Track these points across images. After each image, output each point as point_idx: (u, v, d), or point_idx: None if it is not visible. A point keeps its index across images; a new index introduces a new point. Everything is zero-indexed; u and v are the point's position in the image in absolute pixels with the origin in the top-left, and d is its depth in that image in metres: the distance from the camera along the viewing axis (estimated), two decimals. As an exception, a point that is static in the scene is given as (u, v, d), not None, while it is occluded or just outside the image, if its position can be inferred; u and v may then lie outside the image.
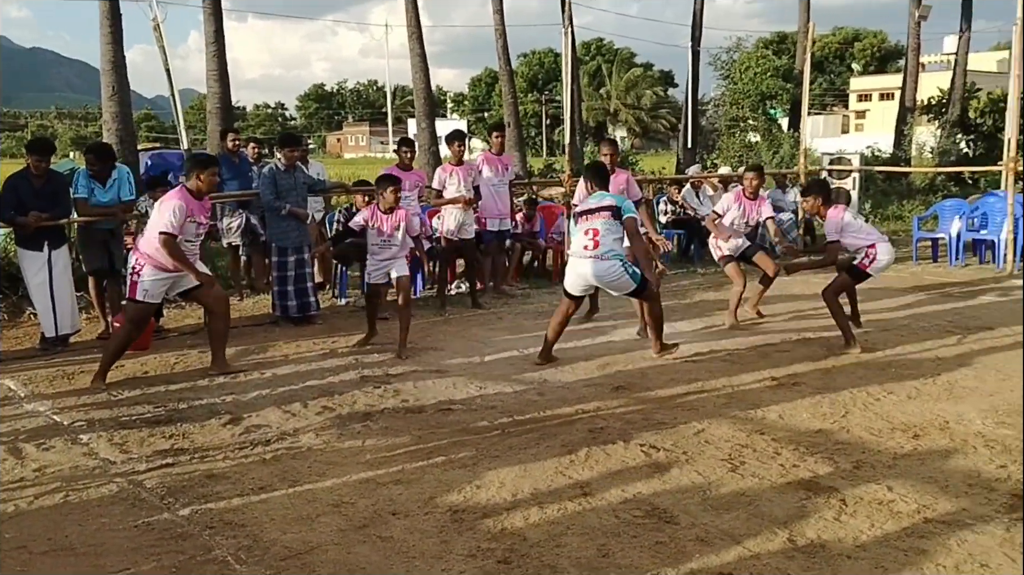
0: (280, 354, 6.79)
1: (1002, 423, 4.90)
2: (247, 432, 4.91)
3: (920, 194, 18.57)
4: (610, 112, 67.87)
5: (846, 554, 3.34)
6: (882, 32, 63.55)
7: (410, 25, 19.04)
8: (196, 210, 6.00)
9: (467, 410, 5.26)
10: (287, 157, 7.83)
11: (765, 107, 29.50)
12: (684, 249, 12.29)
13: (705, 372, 6.11)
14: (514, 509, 3.79)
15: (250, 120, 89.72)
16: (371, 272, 7.02)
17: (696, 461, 4.35)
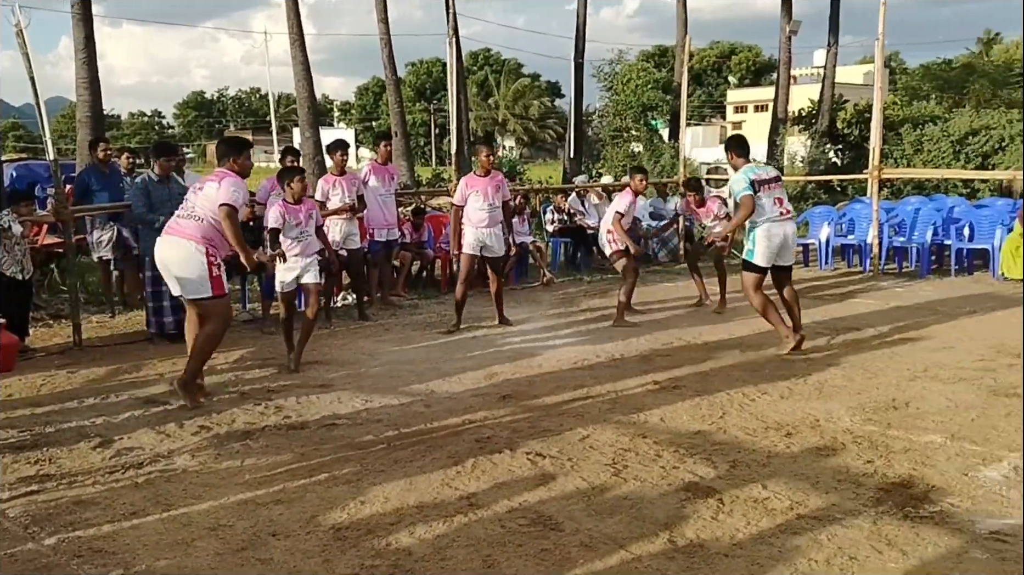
0: (155, 373, 6.52)
1: (869, 420, 5.15)
2: (118, 455, 4.69)
3: (792, 201, 19.33)
4: (498, 122, 68.34)
5: (723, 553, 3.43)
6: (756, 46, 66.25)
7: (292, 32, 18.73)
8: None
9: (352, 425, 5.17)
10: (161, 167, 7.53)
11: (647, 118, 30.30)
12: (571, 257, 12.47)
13: (591, 378, 6.20)
14: (399, 524, 3.74)
15: (125, 129, 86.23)
16: (283, 281, 6.67)
17: (581, 467, 4.40)
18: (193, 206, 5.56)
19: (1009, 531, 3.59)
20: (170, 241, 5.54)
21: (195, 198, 5.60)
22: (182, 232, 5.51)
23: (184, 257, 5.48)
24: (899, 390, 5.78)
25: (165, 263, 5.59)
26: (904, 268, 11.81)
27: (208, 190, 5.54)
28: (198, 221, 5.51)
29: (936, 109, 24.51)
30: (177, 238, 5.51)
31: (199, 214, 5.51)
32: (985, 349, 6.95)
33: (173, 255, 5.52)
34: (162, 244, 5.60)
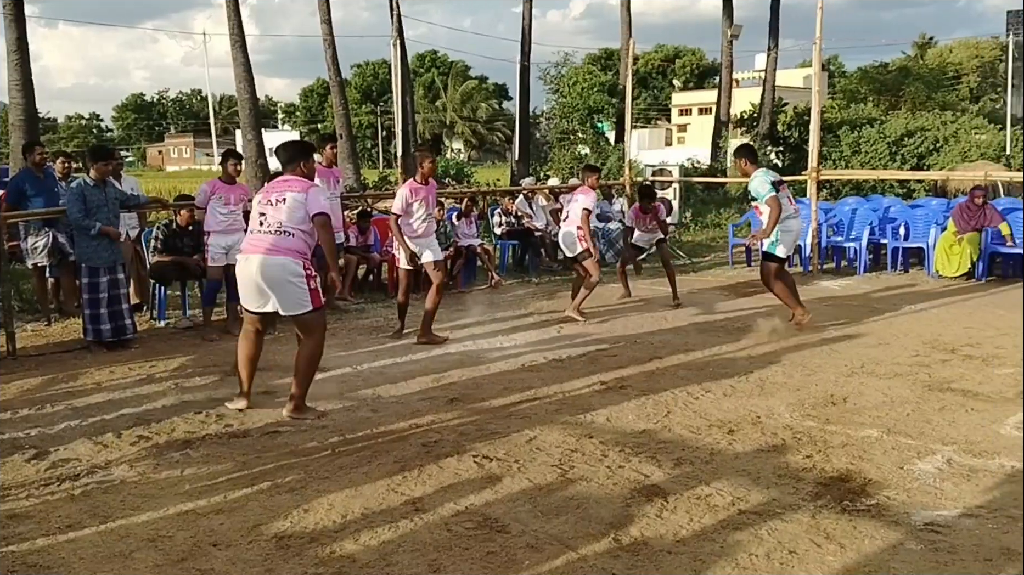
0: (92, 382, 6.37)
1: (808, 416, 5.26)
2: (53, 467, 4.56)
3: (735, 203, 19.73)
4: (446, 124, 68.29)
5: (667, 550, 3.47)
6: (700, 50, 67.19)
7: (233, 33, 18.47)
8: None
9: (296, 431, 5.11)
10: (98, 171, 7.37)
11: (593, 121, 30.51)
12: (519, 259, 12.49)
13: (538, 380, 6.22)
14: (343, 531, 3.71)
15: (62, 132, 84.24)
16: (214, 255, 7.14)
17: (528, 468, 4.41)
18: (278, 221, 5.24)
19: (942, 522, 3.69)
20: (263, 260, 5.22)
21: (274, 212, 5.26)
22: (275, 249, 5.22)
23: (283, 274, 5.22)
24: (837, 386, 5.91)
25: (259, 283, 5.26)
26: (842, 267, 12.08)
27: (292, 202, 5.23)
28: (288, 236, 5.23)
29: (873, 111, 25.16)
30: (270, 256, 5.22)
31: (287, 228, 5.23)
32: (920, 345, 7.14)
33: (271, 274, 5.22)
34: (253, 264, 5.25)
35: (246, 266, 5.31)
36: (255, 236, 5.33)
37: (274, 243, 5.24)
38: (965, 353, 6.84)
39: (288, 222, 5.24)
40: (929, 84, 36.90)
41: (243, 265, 5.34)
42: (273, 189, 5.40)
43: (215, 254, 7.88)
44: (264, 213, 5.32)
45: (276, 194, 5.34)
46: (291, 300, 5.27)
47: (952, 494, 4.00)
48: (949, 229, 10.90)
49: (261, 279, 5.25)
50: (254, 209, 5.44)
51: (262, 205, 5.37)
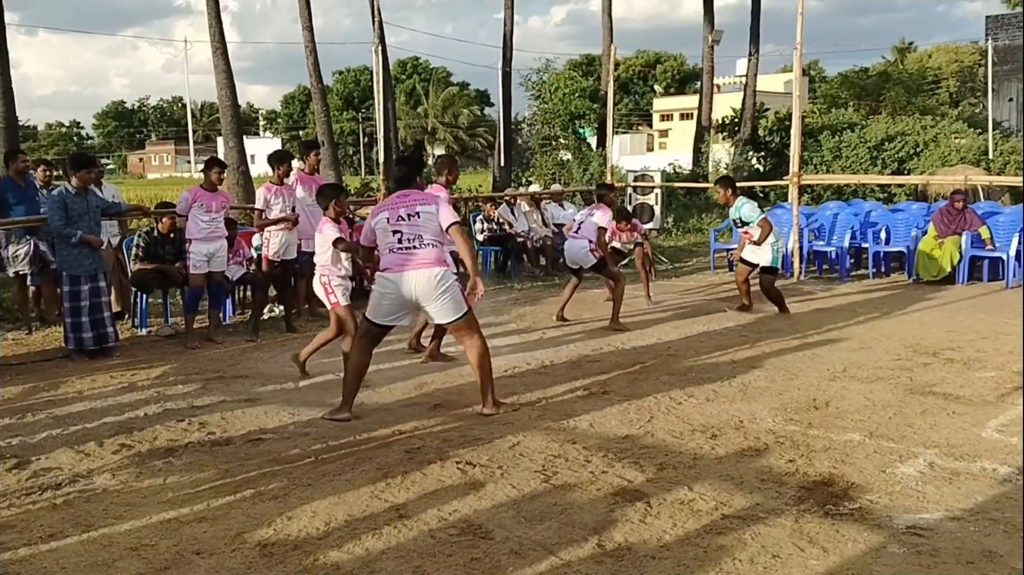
0: (74, 390, 6.32)
1: (790, 420, 5.28)
2: (35, 476, 4.53)
3: (717, 208, 19.80)
4: (428, 130, 68.22)
5: (651, 555, 3.48)
6: (681, 55, 67.48)
7: (214, 40, 18.38)
8: None
9: (279, 439, 5.09)
10: (80, 179, 7.33)
11: (575, 126, 30.55)
12: (501, 265, 12.50)
13: (521, 386, 6.22)
14: (327, 538, 3.69)
15: (42, 140, 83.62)
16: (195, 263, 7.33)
17: (511, 475, 4.41)
18: (419, 234, 5.32)
19: (924, 526, 3.72)
20: (418, 275, 5.30)
21: (411, 226, 5.33)
22: (425, 262, 5.30)
23: (439, 285, 5.31)
24: (819, 390, 5.94)
25: (417, 297, 5.34)
26: (824, 271, 12.16)
27: (426, 214, 5.34)
28: (434, 247, 5.34)
29: (853, 116, 25.33)
30: (423, 270, 5.29)
31: (429, 239, 5.33)
32: (902, 349, 7.19)
33: (428, 287, 5.30)
34: (409, 279, 5.31)
35: (401, 283, 5.32)
36: (398, 254, 5.35)
37: (422, 256, 5.32)
38: (946, 356, 6.90)
39: (430, 234, 5.34)
40: (909, 89, 37.20)
41: (395, 283, 5.34)
42: (399, 206, 5.42)
43: (197, 261, 7.83)
44: (399, 231, 5.36)
45: (405, 209, 5.39)
46: (448, 309, 5.38)
47: (934, 497, 4.03)
48: (930, 233, 11.00)
49: (412, 295, 5.33)
50: (383, 227, 5.42)
51: (394, 223, 5.38)
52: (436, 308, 5.38)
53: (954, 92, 45.05)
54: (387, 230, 5.39)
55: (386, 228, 5.40)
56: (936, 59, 49.17)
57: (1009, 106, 30.92)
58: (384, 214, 5.45)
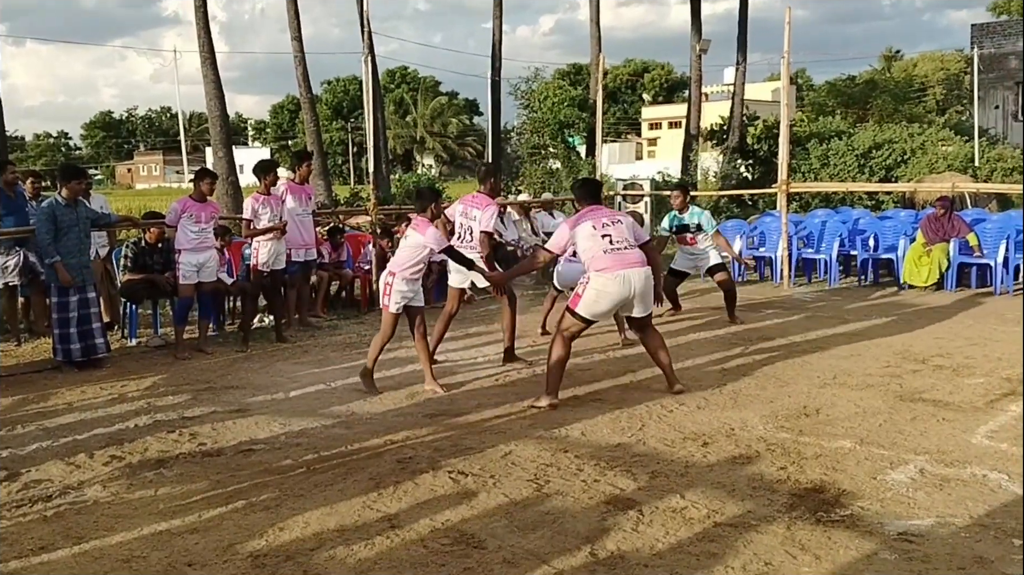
0: (63, 402, 6.28)
1: (781, 427, 5.30)
2: (25, 488, 4.50)
3: (706, 216, 19.85)
4: (417, 140, 68.29)
5: (643, 563, 3.48)
6: (669, 64, 67.84)
7: (203, 50, 18.38)
8: None
9: (270, 449, 5.07)
10: (69, 190, 7.30)
11: (564, 135, 30.62)
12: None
13: (512, 394, 6.22)
14: (319, 549, 3.68)
15: (30, 151, 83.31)
16: (185, 273, 7.38)
17: (503, 484, 4.41)
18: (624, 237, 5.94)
19: (916, 532, 3.73)
20: (637, 273, 5.84)
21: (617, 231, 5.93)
22: (640, 262, 5.90)
23: (651, 283, 6.00)
24: (810, 398, 5.96)
25: (635, 294, 5.86)
26: (813, 279, 12.21)
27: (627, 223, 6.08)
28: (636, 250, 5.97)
29: (841, 124, 25.47)
30: (640, 269, 5.87)
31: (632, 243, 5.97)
32: (891, 355, 7.23)
33: (644, 284, 5.90)
34: (640, 276, 5.85)
35: (635, 283, 5.82)
36: (621, 255, 5.84)
37: (635, 257, 5.88)
38: (936, 363, 6.93)
39: (631, 237, 5.97)
40: (896, 97, 37.48)
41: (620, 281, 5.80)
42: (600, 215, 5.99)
43: (186, 272, 7.81)
44: (608, 234, 5.88)
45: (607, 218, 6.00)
46: (650, 303, 6.04)
47: (925, 503, 4.05)
48: (918, 240, 11.06)
49: (641, 289, 5.88)
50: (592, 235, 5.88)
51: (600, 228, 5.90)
52: (647, 303, 5.99)
53: (940, 100, 45.39)
54: (597, 235, 5.89)
55: (596, 233, 5.91)
56: (922, 67, 49.56)
57: (995, 113, 31.18)
58: (588, 222, 5.96)
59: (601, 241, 5.84)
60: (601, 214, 6.01)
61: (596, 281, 5.82)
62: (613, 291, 5.81)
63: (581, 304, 5.88)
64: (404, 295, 6.35)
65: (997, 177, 20.74)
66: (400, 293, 6.32)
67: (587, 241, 5.89)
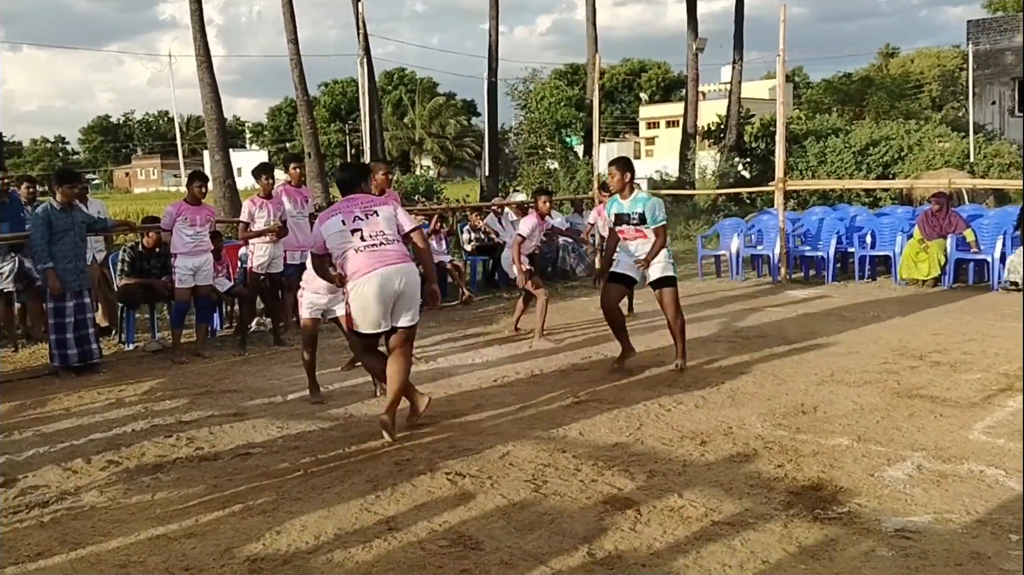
0: (60, 407, 6.28)
1: (779, 425, 5.30)
2: (22, 494, 4.50)
3: (704, 214, 19.91)
4: (415, 141, 68.25)
5: (641, 563, 3.48)
6: (666, 63, 67.76)
7: (199, 54, 18.38)
8: None
9: (267, 453, 5.07)
10: (64, 195, 7.30)
11: (561, 135, 30.65)
12: (489, 275, 12.49)
13: (510, 395, 6.21)
14: (317, 552, 3.68)
15: (27, 156, 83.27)
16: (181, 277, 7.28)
17: (501, 485, 4.40)
18: (381, 231, 5.13)
19: (913, 528, 3.73)
20: (406, 269, 5.10)
21: (373, 224, 5.14)
22: (404, 257, 5.15)
23: (417, 282, 5.18)
24: (807, 395, 5.96)
25: (405, 293, 5.10)
26: (811, 276, 12.21)
27: (385, 215, 5.19)
28: (400, 243, 5.18)
29: (838, 121, 25.45)
30: (407, 265, 5.12)
31: (393, 236, 5.16)
32: (888, 352, 7.22)
33: (415, 282, 5.15)
34: (399, 275, 5.06)
35: (380, 282, 5.03)
36: (380, 252, 5.09)
37: (397, 252, 5.14)
38: (933, 359, 6.93)
39: (391, 232, 5.16)
40: (892, 93, 37.45)
41: (374, 283, 5.04)
42: (353, 207, 5.23)
43: (182, 276, 7.81)
44: (359, 229, 5.13)
45: (361, 210, 5.21)
46: (417, 309, 5.23)
47: (922, 500, 4.05)
48: (915, 236, 11.07)
49: (402, 291, 5.09)
50: (340, 231, 5.17)
51: (350, 223, 5.16)
52: (411, 307, 5.15)
53: (937, 96, 45.36)
54: (344, 232, 5.15)
55: (342, 230, 5.15)
56: (919, 64, 49.54)
57: (991, 109, 31.16)
58: (338, 216, 5.21)
59: (352, 238, 5.11)
60: (355, 204, 5.22)
61: (352, 291, 5.11)
62: (371, 293, 5.04)
63: (355, 322, 5.22)
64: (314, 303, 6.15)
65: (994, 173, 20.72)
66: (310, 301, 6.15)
67: (336, 239, 5.15)
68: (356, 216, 5.17)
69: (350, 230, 5.14)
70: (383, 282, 5.05)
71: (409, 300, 5.16)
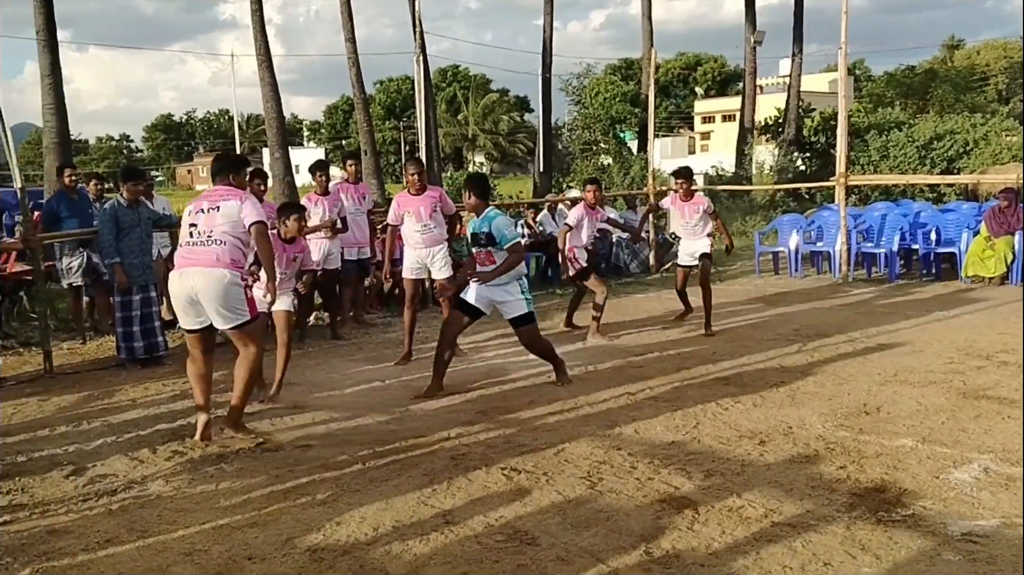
0: (127, 398, 6.46)
1: (841, 426, 5.20)
2: (91, 483, 4.64)
3: (761, 210, 19.61)
4: (468, 138, 68.50)
5: (699, 562, 3.45)
6: (722, 57, 66.98)
7: (259, 53, 18.68)
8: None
9: (326, 445, 5.14)
10: (129, 191, 7.50)
11: (615, 131, 30.50)
12: (543, 271, 12.49)
13: (564, 392, 6.20)
14: (375, 544, 3.73)
15: (93, 153, 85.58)
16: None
17: (556, 481, 4.41)
18: (209, 230, 5.06)
19: (980, 532, 3.64)
20: (197, 273, 5.02)
21: (207, 221, 5.07)
22: (208, 261, 5.02)
23: (219, 286, 5.01)
24: (870, 395, 5.85)
25: (196, 296, 5.04)
26: (873, 274, 11.96)
27: (227, 210, 5.06)
28: (220, 245, 5.03)
29: (901, 115, 24.93)
30: (204, 268, 5.01)
31: (218, 237, 5.04)
32: (954, 352, 7.05)
33: (204, 286, 5.00)
34: (188, 277, 5.05)
35: (181, 283, 5.09)
36: (186, 251, 5.13)
37: (205, 255, 5.05)
38: (1000, 359, 6.74)
39: (220, 232, 5.04)
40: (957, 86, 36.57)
41: (174, 282, 5.13)
42: (203, 201, 5.20)
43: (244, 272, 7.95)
44: (195, 223, 5.11)
45: (206, 204, 5.14)
46: (229, 312, 5.08)
47: (990, 503, 3.94)
48: (981, 233, 10.77)
49: (189, 293, 5.06)
50: (185, 222, 5.22)
51: (192, 216, 5.16)
52: (219, 310, 5.06)
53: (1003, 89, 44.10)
54: (186, 225, 5.16)
55: (186, 222, 5.17)
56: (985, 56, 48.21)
57: (1062, 102, 30.16)
58: (199, 207, 5.17)
59: (185, 232, 5.11)
60: (207, 198, 5.17)
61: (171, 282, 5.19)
62: (173, 291, 5.11)
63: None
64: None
65: (1065, 168, 20.05)
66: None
67: (182, 230, 5.16)
68: (200, 210, 5.14)
69: (189, 223, 5.16)
70: (180, 282, 5.10)
71: (209, 303, 5.05)
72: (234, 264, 5.07)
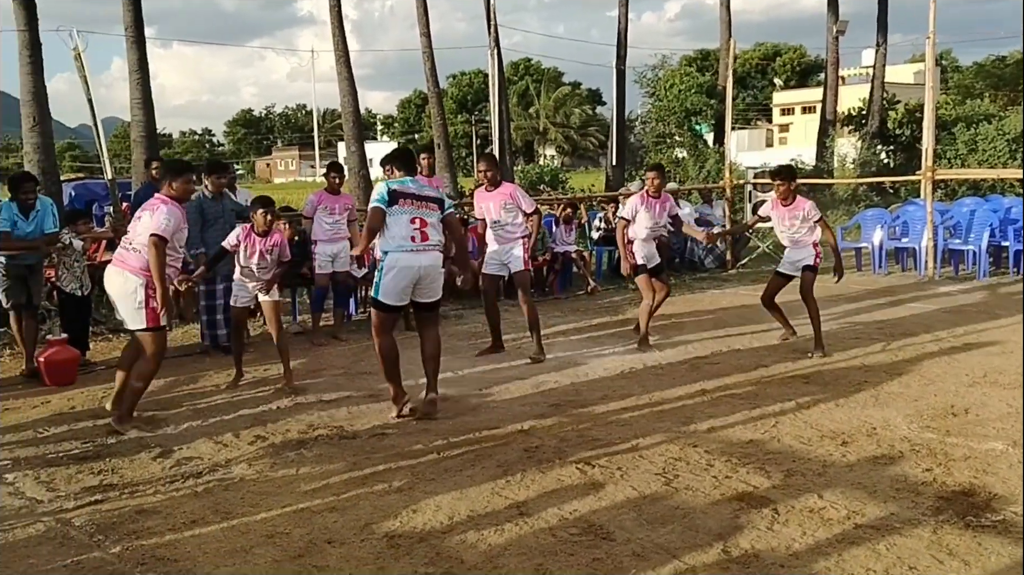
0: (211, 384, 6.64)
1: (927, 427, 5.05)
2: (178, 465, 4.79)
3: (843, 204, 19.10)
4: (539, 131, 68.42)
5: (779, 563, 3.39)
6: (802, 47, 65.27)
7: (337, 49, 18.93)
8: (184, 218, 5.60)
9: (401, 434, 5.21)
10: (214, 184, 7.70)
11: (690, 123, 30.06)
12: (615, 266, 12.39)
13: (638, 387, 6.16)
14: (451, 532, 3.76)
15: (176, 147, 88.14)
16: (236, 295, 6.67)
17: (631, 476, 4.38)
18: (132, 238, 5.48)
19: (1076, 540, 3.49)
20: (112, 271, 5.51)
21: (135, 228, 5.50)
22: (124, 264, 5.46)
23: (123, 289, 5.42)
24: (958, 396, 5.66)
25: (109, 293, 5.62)
26: (961, 271, 11.55)
27: (144, 219, 5.45)
28: (136, 252, 5.42)
29: (990, 107, 24.00)
30: (119, 269, 5.47)
31: (137, 246, 5.42)
32: (1046, 353, 6.77)
33: (113, 286, 5.49)
34: (107, 274, 5.56)
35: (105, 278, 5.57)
36: (118, 251, 5.62)
37: (125, 258, 5.47)
38: (1096, 362, 6.45)
39: (138, 241, 5.42)
40: (1051, 78, 35.04)
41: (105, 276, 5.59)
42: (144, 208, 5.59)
43: (322, 262, 8.12)
44: (130, 229, 5.58)
45: (141, 212, 5.58)
46: (128, 315, 5.46)
47: (1085, 510, 3.78)
48: (1076, 230, 10.31)
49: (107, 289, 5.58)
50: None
51: (133, 222, 5.61)
52: (121, 310, 5.51)
53: (1102, 79, 42.06)
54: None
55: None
56: (1082, 44, 45.97)
57: None
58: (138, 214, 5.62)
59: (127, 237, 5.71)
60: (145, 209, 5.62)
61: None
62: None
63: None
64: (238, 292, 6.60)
65: None
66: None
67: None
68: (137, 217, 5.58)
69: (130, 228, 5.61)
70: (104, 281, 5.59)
71: (118, 302, 5.51)
72: (144, 272, 5.39)
